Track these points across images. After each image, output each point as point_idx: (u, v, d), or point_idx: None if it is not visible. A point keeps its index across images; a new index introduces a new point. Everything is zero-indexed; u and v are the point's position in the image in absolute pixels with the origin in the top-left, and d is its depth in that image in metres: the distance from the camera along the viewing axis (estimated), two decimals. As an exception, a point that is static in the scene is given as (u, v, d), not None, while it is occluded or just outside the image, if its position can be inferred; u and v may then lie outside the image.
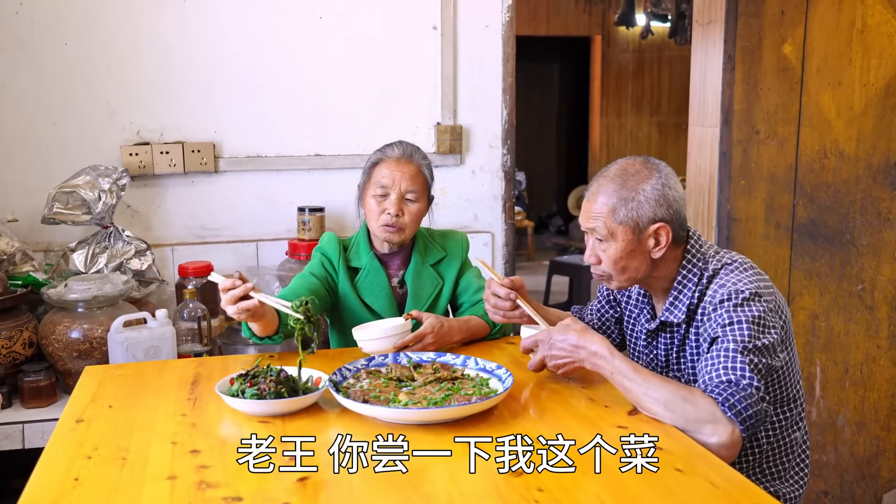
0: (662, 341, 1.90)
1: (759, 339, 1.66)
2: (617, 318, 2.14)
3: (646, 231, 1.77)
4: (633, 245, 1.78)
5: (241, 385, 1.71)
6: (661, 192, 1.76)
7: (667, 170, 1.80)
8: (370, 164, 2.24)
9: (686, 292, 1.82)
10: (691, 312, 1.82)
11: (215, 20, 2.98)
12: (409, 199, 2.20)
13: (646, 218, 1.76)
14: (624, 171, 1.79)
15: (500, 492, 1.33)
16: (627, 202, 1.76)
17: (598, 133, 9.35)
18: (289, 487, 1.35)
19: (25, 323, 2.52)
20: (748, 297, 1.70)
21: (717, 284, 1.76)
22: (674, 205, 1.77)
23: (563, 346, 1.75)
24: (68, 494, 1.34)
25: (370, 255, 2.26)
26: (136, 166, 2.93)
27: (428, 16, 3.14)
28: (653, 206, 1.75)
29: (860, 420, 2.96)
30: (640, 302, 1.99)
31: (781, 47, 2.92)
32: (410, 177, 2.20)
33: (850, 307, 2.93)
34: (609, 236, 1.78)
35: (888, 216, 2.83)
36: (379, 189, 2.18)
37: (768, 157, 2.97)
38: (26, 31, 2.83)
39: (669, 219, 1.77)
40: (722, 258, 1.82)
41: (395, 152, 2.23)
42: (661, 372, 1.91)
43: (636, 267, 1.80)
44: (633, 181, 1.77)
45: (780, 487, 1.86)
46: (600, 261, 1.82)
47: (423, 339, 2.03)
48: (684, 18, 6.44)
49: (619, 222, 1.76)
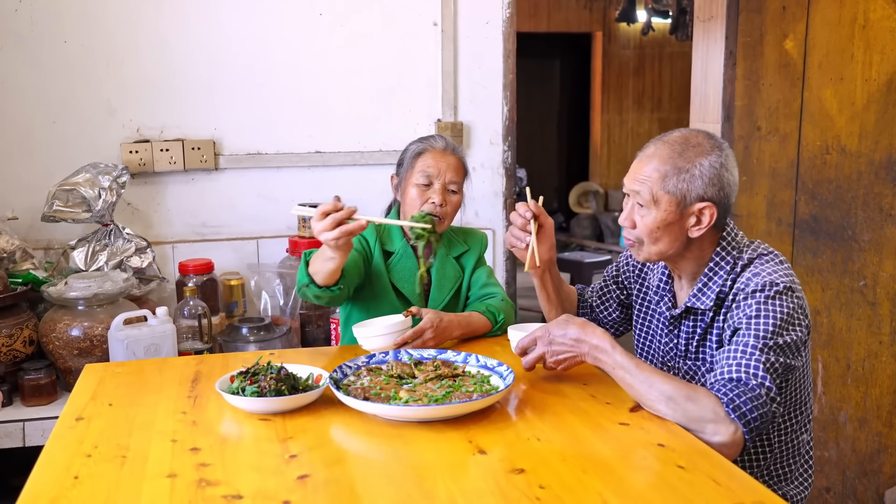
0: (685, 329, 1.85)
1: (783, 335, 1.63)
2: (620, 301, 2.11)
3: (690, 207, 1.71)
4: (674, 218, 1.72)
5: (241, 382, 1.70)
6: (718, 171, 1.70)
7: (729, 150, 1.74)
8: (413, 154, 2.26)
9: (717, 279, 1.76)
10: (720, 300, 1.77)
11: (215, 18, 2.97)
12: (451, 191, 2.23)
13: (694, 193, 1.70)
14: (686, 141, 1.72)
15: (502, 489, 1.33)
16: (681, 172, 1.69)
17: (599, 130, 9.34)
18: (289, 485, 1.35)
19: (26, 321, 2.51)
20: (782, 290, 1.66)
21: (750, 273, 1.71)
22: (726, 188, 1.71)
23: (563, 340, 1.72)
24: (68, 492, 1.34)
25: (403, 241, 2.29)
26: (137, 164, 2.92)
27: (428, 12, 3.13)
28: (705, 184, 1.69)
29: (862, 416, 2.96)
30: (660, 289, 1.93)
31: (783, 43, 2.91)
32: (454, 168, 2.24)
33: (851, 303, 2.92)
34: (652, 202, 1.72)
35: (890, 212, 2.83)
36: (423, 178, 2.21)
37: (770, 153, 2.97)
38: (26, 29, 2.82)
39: (718, 200, 1.71)
40: (757, 248, 1.78)
41: (439, 143, 2.26)
42: (680, 361, 1.87)
43: (670, 241, 1.75)
44: (692, 152, 1.70)
45: (788, 489, 1.84)
46: (635, 225, 1.77)
47: (423, 334, 2.03)
48: (685, 14, 6.42)
49: (667, 191, 1.70)
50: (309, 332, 2.97)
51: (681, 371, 1.86)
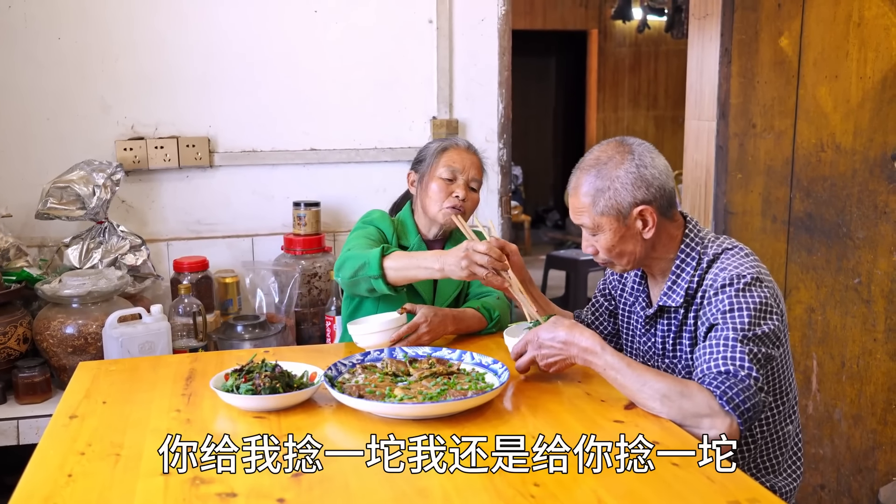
0: (661, 328, 1.88)
1: (760, 326, 1.65)
2: (611, 312, 2.13)
3: (630, 216, 1.75)
4: (622, 231, 1.77)
5: (235, 380, 1.70)
6: (637, 174, 1.74)
7: (640, 148, 1.77)
8: (437, 150, 2.28)
9: (684, 276, 1.80)
10: (689, 297, 1.80)
11: (210, 14, 2.96)
12: (472, 188, 2.27)
13: (626, 203, 1.74)
14: (597, 161, 1.77)
15: (496, 487, 1.33)
16: (604, 192, 1.74)
17: (595, 127, 9.34)
18: (283, 483, 1.35)
19: (20, 318, 2.51)
20: (750, 282, 1.68)
21: (717, 268, 1.74)
22: (654, 182, 1.75)
23: (552, 343, 1.73)
24: (62, 490, 1.33)
25: (418, 237, 2.31)
26: (131, 161, 2.91)
27: (423, 9, 3.12)
28: (630, 191, 1.74)
29: (857, 413, 2.96)
30: (634, 290, 1.97)
31: (778, 40, 2.92)
32: (477, 167, 2.29)
33: (846, 301, 2.92)
34: (596, 228, 1.78)
35: (885, 209, 2.83)
36: (448, 173, 2.24)
37: (765, 150, 2.97)
38: (20, 25, 2.81)
39: (651, 198, 1.75)
40: (722, 243, 1.81)
41: (462, 143, 2.32)
42: (658, 360, 1.90)
43: (632, 250, 1.80)
44: (606, 169, 1.75)
45: (775, 481, 1.85)
46: (597, 251, 1.82)
47: (417, 328, 2.03)
48: (681, 12, 6.42)
49: (602, 213, 1.76)
50: (304, 329, 2.96)
51: (660, 370, 1.87)
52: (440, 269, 1.92)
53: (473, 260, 1.87)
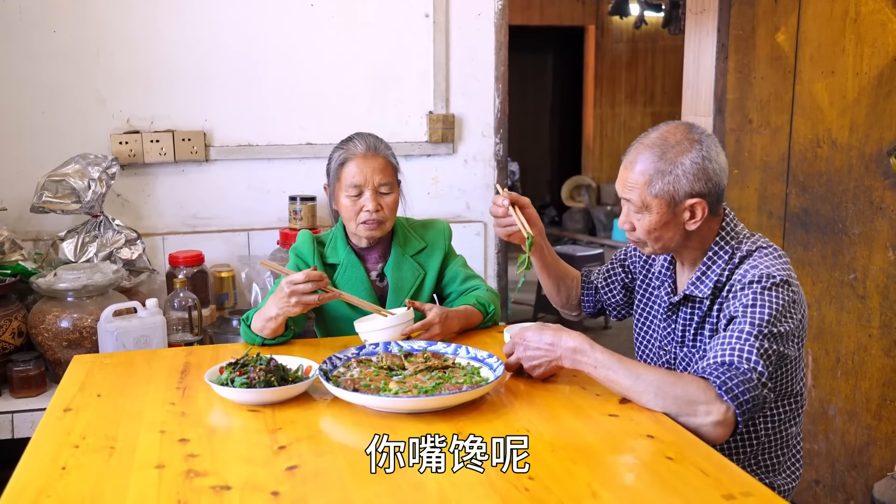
0: (683, 316, 1.86)
1: (779, 325, 1.64)
2: (624, 284, 2.12)
3: (681, 205, 1.72)
4: (668, 217, 1.73)
5: (230, 374, 1.70)
6: (701, 165, 1.70)
7: (709, 140, 1.74)
8: (337, 165, 2.19)
9: (715, 269, 1.78)
10: (717, 290, 1.78)
11: (206, 8, 2.95)
12: (382, 193, 2.16)
13: (682, 192, 1.71)
14: (664, 141, 1.73)
15: (491, 481, 1.33)
16: (664, 175, 1.70)
17: (592, 123, 9.33)
18: (277, 476, 1.35)
19: (15, 312, 2.50)
20: (778, 282, 1.67)
21: (748, 265, 1.73)
22: (713, 178, 1.72)
23: (538, 345, 1.72)
24: (55, 483, 1.33)
25: (347, 249, 2.24)
26: (126, 155, 2.91)
27: (420, 4, 3.12)
28: (690, 181, 1.70)
29: (851, 409, 2.97)
30: (661, 274, 1.95)
31: (775, 36, 2.91)
32: (381, 169, 2.16)
33: (841, 296, 2.93)
34: (643, 207, 1.74)
35: (880, 205, 2.83)
36: (352, 189, 2.14)
37: (761, 146, 2.97)
38: (15, 18, 2.80)
39: (707, 192, 1.72)
40: (756, 241, 1.79)
41: (360, 147, 2.18)
42: (677, 347, 1.88)
43: (670, 237, 1.77)
44: (672, 153, 1.71)
45: (775, 480, 1.85)
46: (634, 228, 1.79)
47: (431, 328, 2.02)
48: (678, 8, 6.41)
49: (655, 195, 1.72)
50: (300, 324, 2.96)
51: (677, 358, 1.88)
52: (279, 313, 1.96)
53: (296, 291, 1.91)
